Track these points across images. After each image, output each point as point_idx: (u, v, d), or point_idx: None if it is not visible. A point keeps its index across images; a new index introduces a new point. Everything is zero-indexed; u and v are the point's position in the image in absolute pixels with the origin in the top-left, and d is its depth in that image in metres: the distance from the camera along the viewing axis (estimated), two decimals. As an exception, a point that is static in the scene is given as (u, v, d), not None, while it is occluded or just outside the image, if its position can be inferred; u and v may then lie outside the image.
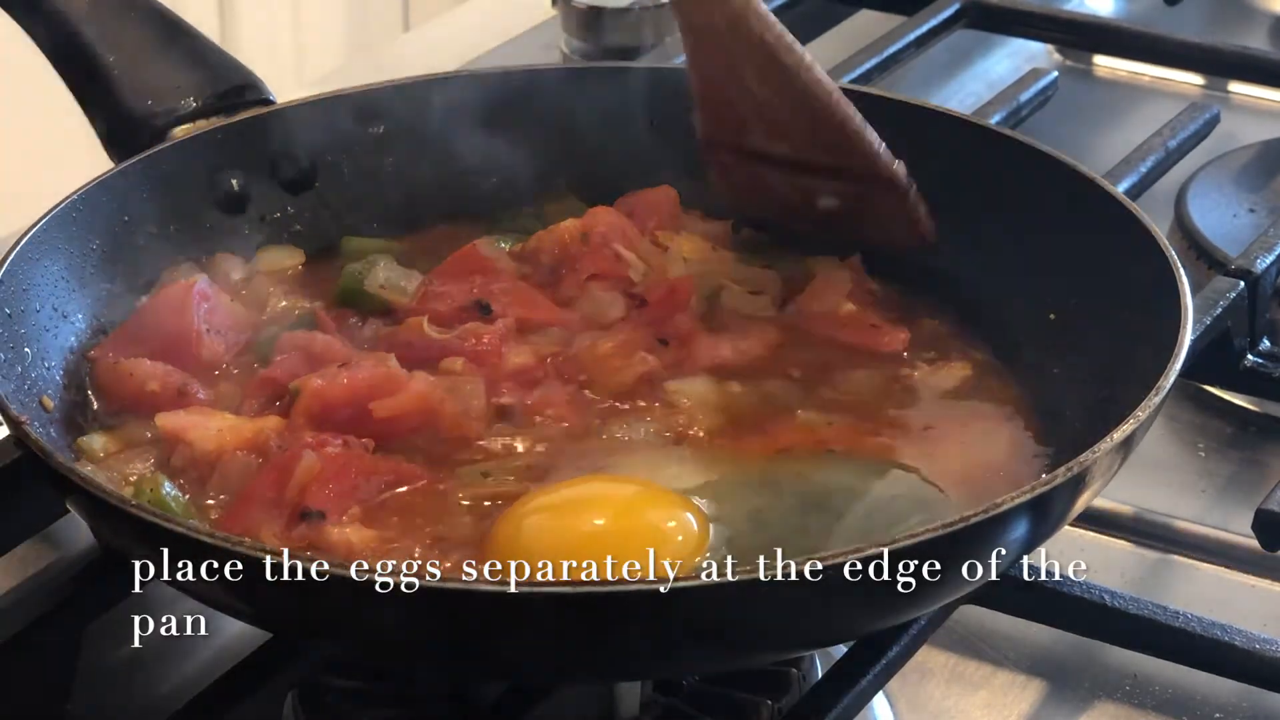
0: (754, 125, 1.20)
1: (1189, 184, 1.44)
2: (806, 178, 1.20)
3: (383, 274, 1.18)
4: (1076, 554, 1.18)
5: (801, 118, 1.18)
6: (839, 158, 1.18)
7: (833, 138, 1.18)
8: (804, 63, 1.16)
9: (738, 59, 1.17)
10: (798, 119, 1.18)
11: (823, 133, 1.18)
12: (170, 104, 1.22)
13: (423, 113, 1.26)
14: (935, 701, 1.09)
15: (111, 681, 1.10)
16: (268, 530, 1.00)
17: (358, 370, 1.08)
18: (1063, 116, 1.56)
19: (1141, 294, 1.08)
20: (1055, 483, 0.93)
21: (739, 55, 1.17)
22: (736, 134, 1.21)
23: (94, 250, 1.15)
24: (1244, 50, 1.61)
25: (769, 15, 1.16)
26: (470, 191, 1.26)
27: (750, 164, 1.21)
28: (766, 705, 1.02)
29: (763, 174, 1.21)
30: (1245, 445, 1.29)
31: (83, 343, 1.12)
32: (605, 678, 1.00)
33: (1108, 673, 1.11)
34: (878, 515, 1.02)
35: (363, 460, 1.03)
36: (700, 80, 1.20)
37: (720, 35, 1.17)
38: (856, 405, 1.12)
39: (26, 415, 1.00)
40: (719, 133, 1.21)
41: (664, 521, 1.00)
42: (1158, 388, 0.98)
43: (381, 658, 1.00)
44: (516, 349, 1.13)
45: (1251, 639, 1.05)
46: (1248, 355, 1.26)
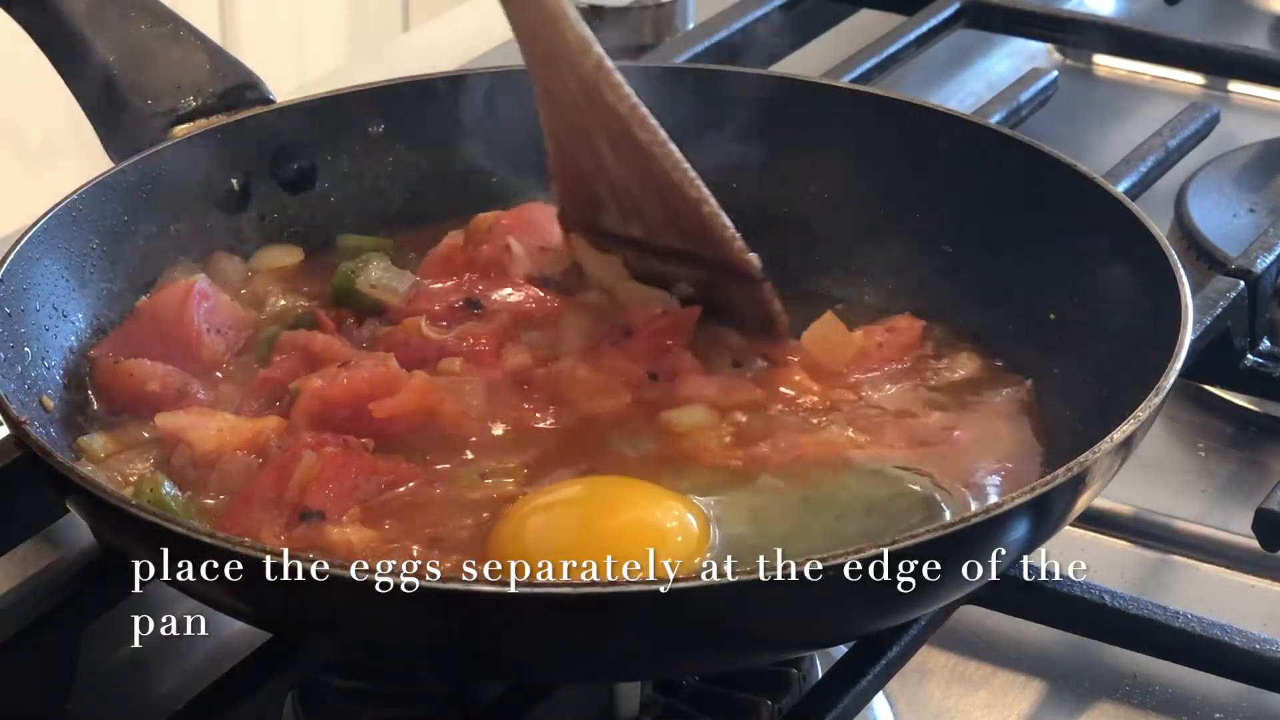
0: (609, 204, 1.15)
1: (1189, 184, 1.44)
2: (660, 262, 1.16)
3: (375, 273, 1.18)
4: (1076, 554, 1.18)
5: (654, 199, 1.13)
6: (693, 244, 1.14)
7: (686, 222, 1.13)
8: (658, 139, 1.11)
9: (592, 130, 1.12)
10: (650, 200, 1.13)
11: (677, 216, 1.13)
12: (170, 104, 1.22)
13: (423, 112, 1.26)
14: (935, 701, 1.09)
15: (111, 681, 1.10)
16: (268, 530, 1.00)
17: (357, 370, 1.08)
18: (1063, 116, 1.56)
19: (1141, 294, 1.08)
20: (1055, 483, 0.93)
21: (593, 126, 1.12)
22: (592, 212, 1.16)
23: (94, 250, 1.15)
24: (1244, 50, 1.61)
25: (623, 86, 1.10)
26: (471, 191, 1.26)
27: (607, 243, 1.17)
28: (766, 705, 1.02)
29: (622, 254, 1.17)
30: (1245, 445, 1.29)
31: (83, 342, 1.12)
32: (605, 678, 1.00)
33: (1108, 673, 1.11)
34: (878, 515, 1.02)
35: (363, 460, 1.03)
36: (556, 151, 1.16)
37: (575, 104, 1.12)
38: (856, 406, 1.12)
39: (26, 415, 1.00)
40: (574, 207, 1.17)
41: (664, 522, 1.00)
42: (1158, 388, 0.98)
43: (381, 658, 1.00)
44: (515, 349, 1.13)
45: (1251, 639, 1.05)
46: (1248, 355, 1.26)
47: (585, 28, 1.10)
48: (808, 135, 1.25)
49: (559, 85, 1.12)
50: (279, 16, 2.95)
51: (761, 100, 1.26)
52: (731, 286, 1.15)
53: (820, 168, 1.25)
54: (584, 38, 1.09)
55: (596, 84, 1.10)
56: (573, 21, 1.09)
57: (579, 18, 1.10)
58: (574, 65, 1.10)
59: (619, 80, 1.10)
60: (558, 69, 1.11)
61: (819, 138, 1.25)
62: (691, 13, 1.66)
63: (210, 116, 1.22)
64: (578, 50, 1.09)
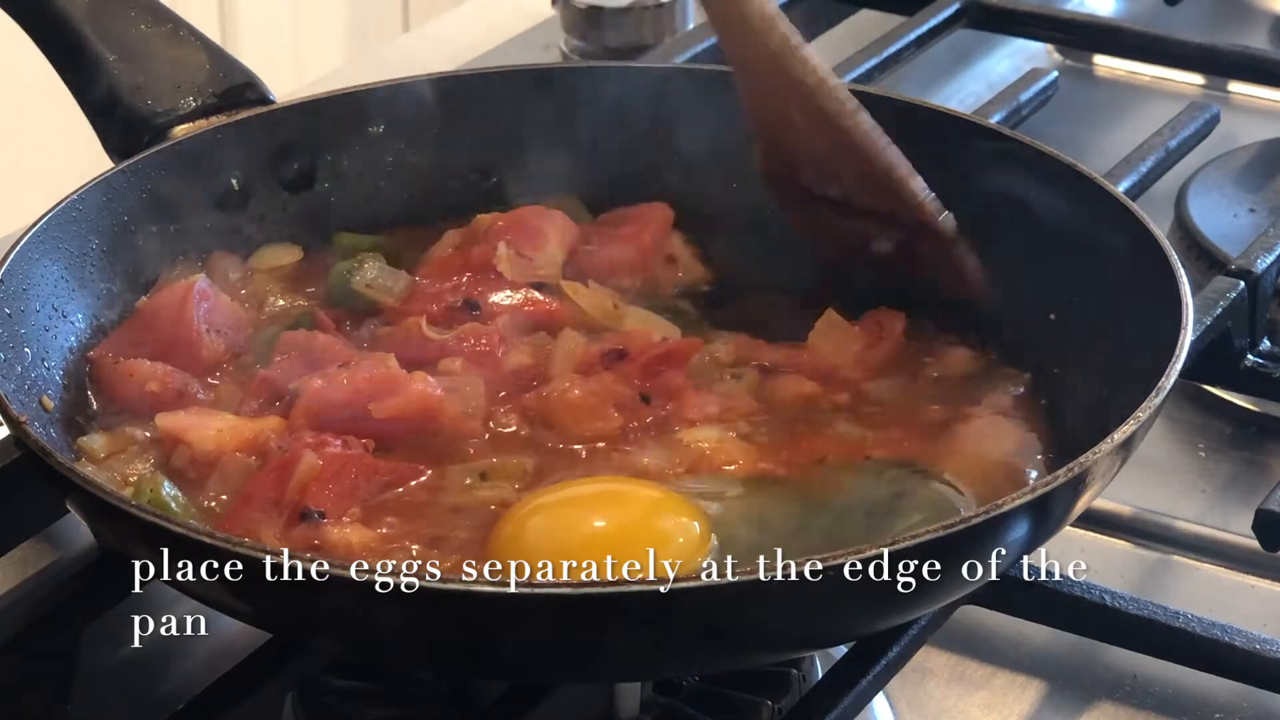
0: (806, 165, 1.18)
1: (1189, 184, 1.44)
2: (859, 221, 1.18)
3: (370, 273, 1.18)
4: (1076, 554, 1.18)
5: (848, 162, 1.16)
6: (887, 204, 1.17)
7: (879, 184, 1.16)
8: (847, 108, 1.15)
9: (786, 99, 1.16)
10: (844, 163, 1.16)
11: (869, 178, 1.16)
12: (170, 104, 1.22)
13: (422, 112, 1.26)
14: (935, 702, 1.09)
15: (111, 681, 1.10)
16: (268, 530, 1.00)
17: (358, 371, 1.08)
18: (1063, 116, 1.56)
19: (1141, 294, 1.08)
20: (1055, 483, 0.93)
21: (783, 95, 1.15)
22: (792, 172, 1.19)
23: (94, 250, 1.15)
24: (1244, 50, 1.61)
25: (811, 58, 1.14)
26: (470, 191, 1.26)
27: (808, 202, 1.20)
28: (766, 705, 1.02)
29: (821, 212, 1.20)
30: (1245, 445, 1.29)
31: (83, 343, 1.12)
32: (605, 678, 1.00)
33: (1108, 673, 1.11)
34: (878, 515, 1.02)
35: (362, 461, 1.03)
36: (754, 117, 1.19)
37: (764, 74, 1.16)
38: (855, 407, 1.12)
39: (26, 415, 1.00)
40: (776, 169, 1.20)
41: (664, 522, 1.00)
42: (1158, 388, 0.98)
43: (382, 658, 1.00)
44: (515, 349, 1.13)
45: (1251, 639, 1.05)
46: (1248, 355, 1.26)
47: (770, 5, 1.14)
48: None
49: (751, 58, 1.16)
50: (279, 16, 2.95)
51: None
52: (926, 244, 1.17)
53: (820, 168, 1.25)
54: (768, 15, 1.14)
55: (784, 57, 1.14)
56: (758, 2, 1.14)
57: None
58: (762, 43, 1.14)
59: (807, 54, 1.14)
60: (749, 44, 1.15)
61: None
62: (691, 13, 1.66)
63: (210, 116, 1.22)
64: (763, 28, 1.14)
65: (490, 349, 1.12)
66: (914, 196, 1.16)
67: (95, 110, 1.23)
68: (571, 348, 1.12)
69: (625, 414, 1.09)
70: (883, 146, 1.15)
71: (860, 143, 1.15)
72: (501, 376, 1.11)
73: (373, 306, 1.17)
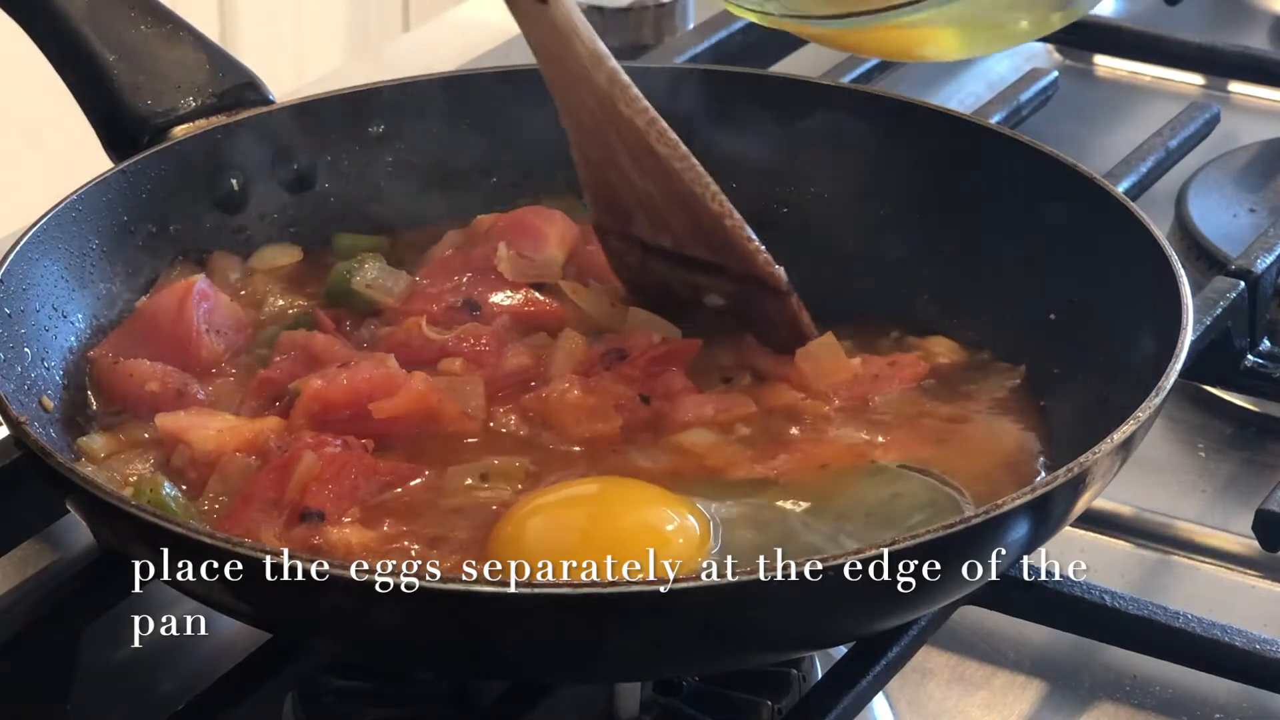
0: (637, 213, 1.14)
1: (1189, 184, 1.44)
2: (692, 273, 1.15)
3: (370, 273, 1.18)
4: (1076, 554, 1.18)
5: (679, 211, 1.12)
6: (719, 256, 1.13)
7: (711, 235, 1.12)
8: (677, 153, 1.11)
9: (614, 143, 1.11)
10: (675, 211, 1.12)
11: (700, 228, 1.12)
12: (170, 104, 1.22)
13: (422, 112, 1.26)
14: (935, 702, 1.09)
15: (111, 681, 1.10)
16: (267, 530, 1.00)
17: (357, 371, 1.08)
18: (1063, 116, 1.56)
19: (1141, 294, 1.08)
20: (1055, 483, 0.93)
21: (614, 139, 1.11)
22: (624, 222, 1.15)
23: (94, 250, 1.15)
24: (1244, 50, 1.61)
25: (640, 100, 1.10)
26: (470, 191, 1.26)
27: (639, 253, 1.16)
28: (766, 706, 1.02)
29: (653, 265, 1.16)
30: (1245, 445, 1.29)
31: (83, 343, 1.13)
32: (605, 678, 1.00)
33: (1108, 673, 1.11)
34: (878, 516, 1.02)
35: (362, 461, 1.04)
36: (584, 164, 1.15)
37: (593, 115, 1.11)
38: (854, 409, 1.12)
39: (26, 415, 1.00)
40: (607, 219, 1.16)
41: (664, 522, 1.00)
42: (1158, 388, 0.98)
43: (381, 658, 1.00)
44: (515, 350, 1.13)
45: (1251, 639, 1.05)
46: (1248, 355, 1.26)
47: (598, 43, 1.10)
48: (807, 135, 1.25)
49: (577, 100, 1.11)
50: (279, 16, 2.95)
51: (761, 100, 1.26)
52: (760, 299, 1.14)
53: (819, 168, 1.25)
54: (597, 53, 1.09)
55: (612, 98, 1.10)
56: (584, 38, 1.09)
57: (592, 33, 1.10)
58: (589, 80, 1.10)
59: (636, 94, 1.10)
60: (574, 84, 1.11)
61: (818, 138, 1.25)
62: (691, 13, 1.66)
63: (210, 116, 1.22)
64: (591, 65, 1.09)
65: (490, 349, 1.12)
66: (746, 245, 1.12)
67: (95, 110, 1.23)
68: (571, 348, 1.12)
69: (625, 415, 1.09)
70: (714, 194, 1.11)
71: (690, 189, 1.11)
72: (501, 377, 1.11)
73: (373, 307, 1.17)
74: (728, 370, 1.14)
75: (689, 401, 1.10)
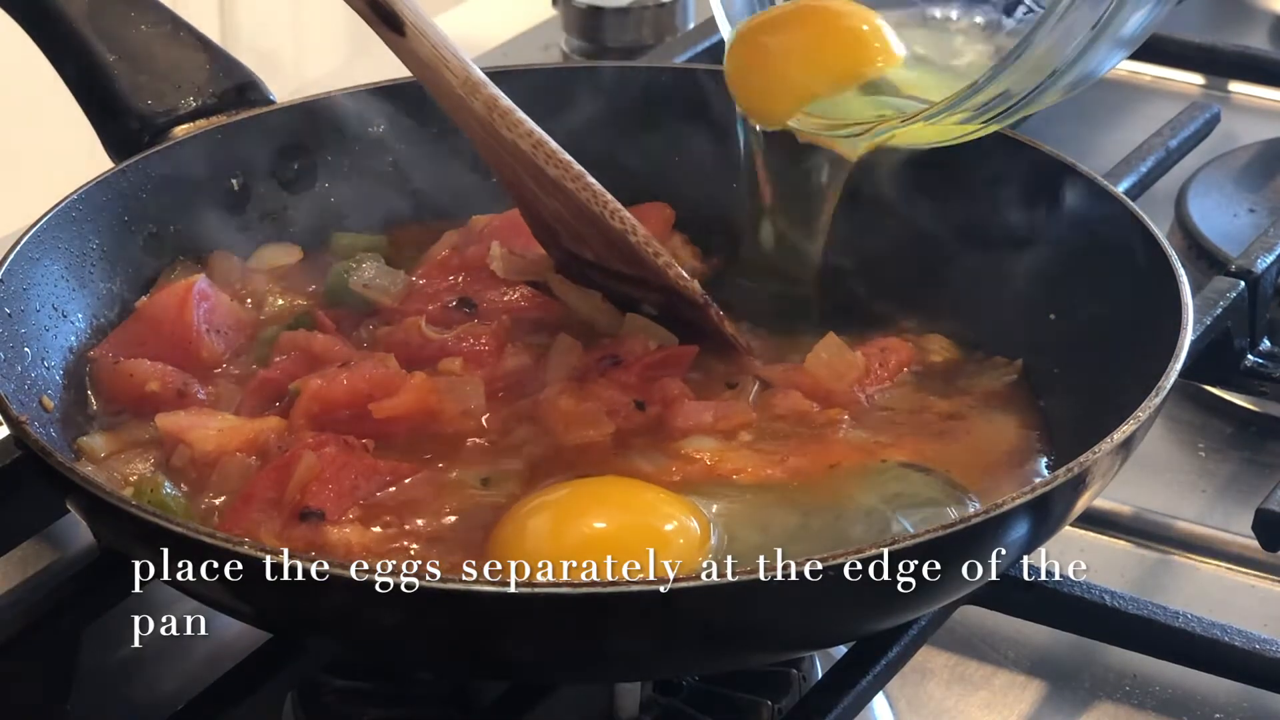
0: (560, 230, 1.13)
1: (1189, 184, 1.44)
2: (620, 284, 1.14)
3: (368, 273, 1.18)
4: (1076, 554, 1.18)
5: (588, 227, 1.11)
6: (635, 269, 1.12)
7: (621, 250, 1.11)
8: (570, 173, 1.09)
9: (510, 164, 1.10)
10: (585, 228, 1.12)
11: (613, 244, 1.11)
12: (170, 104, 1.22)
13: (422, 112, 1.26)
14: (935, 701, 1.09)
15: (111, 681, 1.10)
16: (267, 530, 1.00)
17: (357, 370, 1.08)
18: (1063, 116, 1.56)
19: (1141, 294, 1.08)
20: (1055, 483, 0.93)
21: (509, 160, 1.10)
22: (552, 235, 1.15)
23: (94, 250, 1.15)
24: (1244, 50, 1.61)
25: (524, 123, 1.08)
26: (469, 191, 1.26)
27: (577, 264, 1.15)
28: (766, 705, 1.02)
29: (590, 274, 1.15)
30: (1245, 445, 1.29)
31: (83, 343, 1.13)
32: (605, 678, 1.00)
33: (1108, 673, 1.11)
34: (878, 515, 1.02)
35: (362, 461, 1.04)
36: (501, 183, 1.14)
37: (484, 140, 1.10)
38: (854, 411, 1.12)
39: (26, 415, 1.00)
40: (539, 233, 1.16)
41: (664, 522, 1.00)
42: (1158, 388, 0.98)
43: (381, 658, 1.00)
44: (515, 350, 1.13)
45: (1251, 639, 1.05)
46: (1248, 355, 1.26)
47: (472, 70, 1.09)
48: (807, 135, 1.25)
49: (463, 124, 1.11)
50: (279, 16, 2.95)
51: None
52: (684, 309, 1.13)
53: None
54: (470, 80, 1.08)
55: (492, 124, 1.09)
56: (454, 68, 1.08)
57: (463, 61, 1.08)
58: (467, 108, 1.09)
59: (519, 118, 1.09)
60: (456, 111, 1.10)
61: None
62: (691, 13, 1.66)
63: (210, 116, 1.22)
64: (466, 93, 1.08)
65: (489, 349, 1.12)
66: (654, 260, 1.11)
67: (95, 110, 1.23)
68: (567, 353, 1.12)
69: (619, 421, 1.09)
70: (613, 211, 1.10)
71: (589, 208, 1.10)
72: (500, 376, 1.11)
73: (371, 306, 1.17)
74: (730, 375, 1.14)
75: (688, 408, 1.10)
